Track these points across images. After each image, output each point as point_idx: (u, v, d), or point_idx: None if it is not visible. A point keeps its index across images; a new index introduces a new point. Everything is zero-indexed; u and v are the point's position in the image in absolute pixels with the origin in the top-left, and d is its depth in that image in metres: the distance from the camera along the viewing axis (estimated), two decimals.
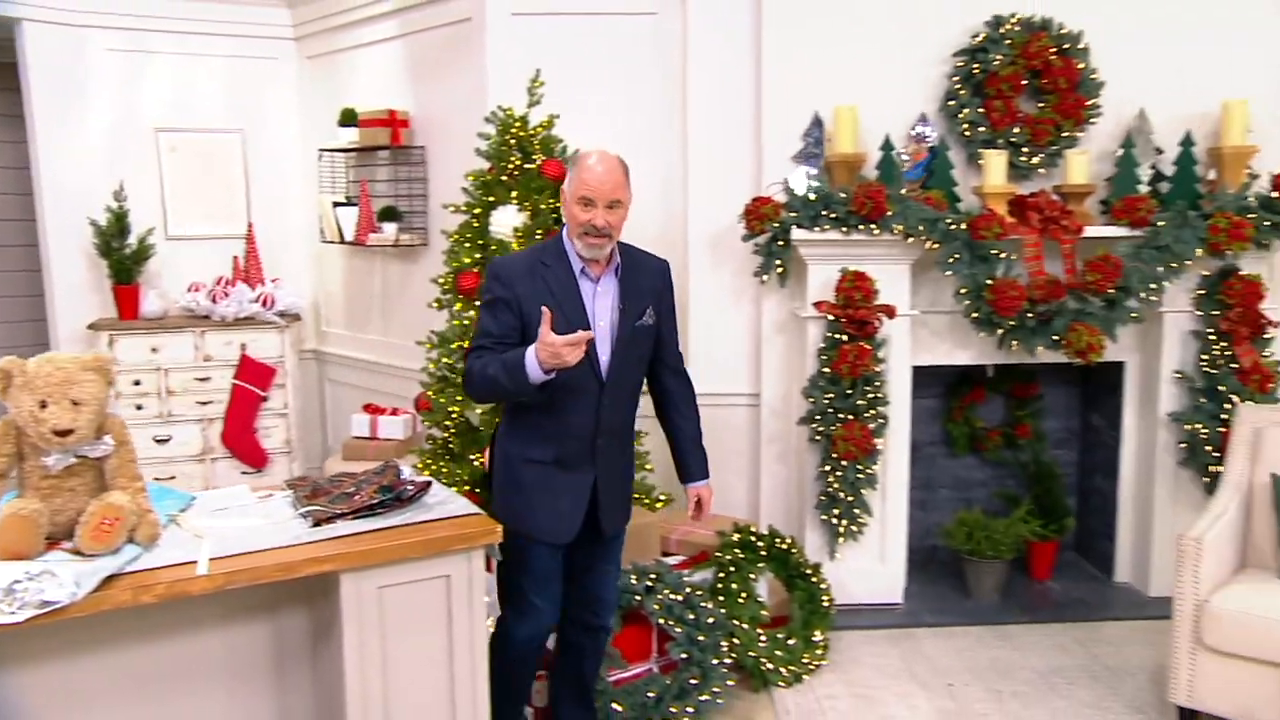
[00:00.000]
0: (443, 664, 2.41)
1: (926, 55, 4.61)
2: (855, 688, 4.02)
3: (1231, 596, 3.46)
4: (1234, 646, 3.39)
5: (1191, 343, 4.58)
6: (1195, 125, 4.56)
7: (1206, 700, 3.50)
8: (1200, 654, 3.47)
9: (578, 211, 2.85)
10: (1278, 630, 3.30)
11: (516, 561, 3.02)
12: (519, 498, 3.02)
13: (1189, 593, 3.47)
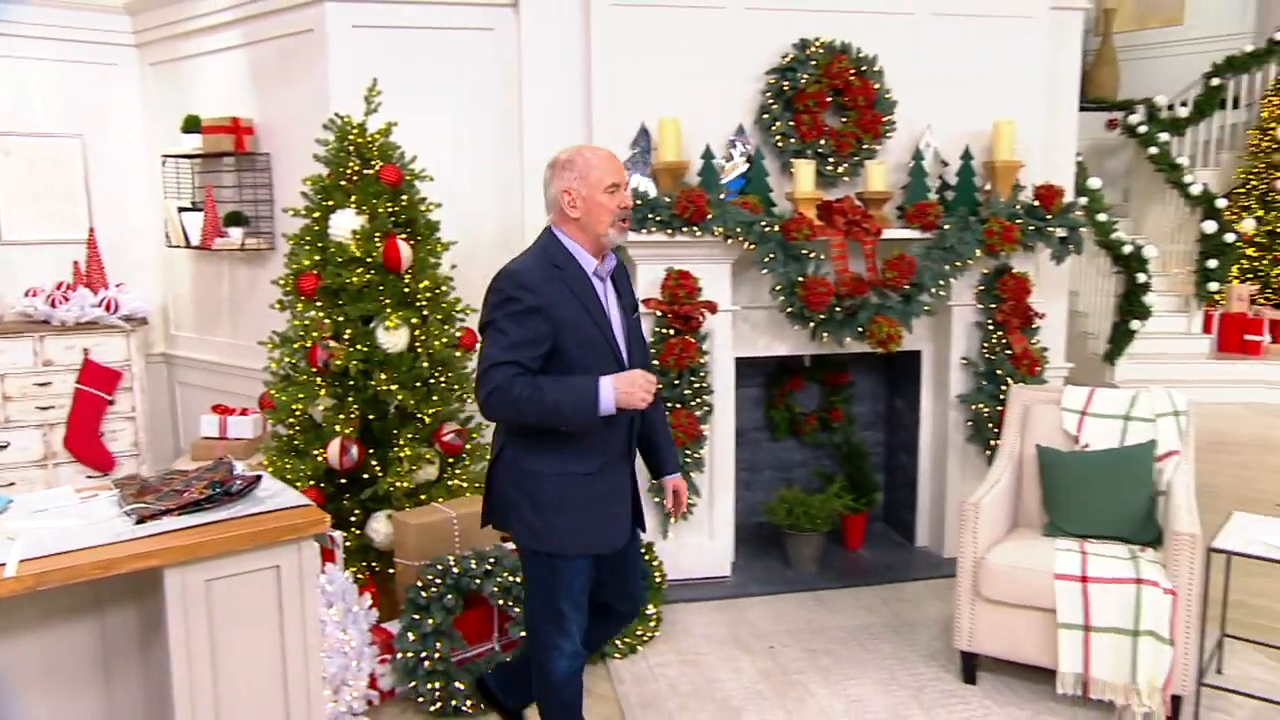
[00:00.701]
0: (275, 655, 2.37)
1: (743, 73, 4.77)
2: (685, 655, 4.15)
3: (1003, 553, 3.73)
4: (1005, 596, 3.66)
5: (974, 333, 4.90)
6: (974, 142, 4.87)
7: (984, 644, 3.77)
8: (979, 604, 3.73)
9: (607, 201, 2.70)
10: (1039, 580, 3.58)
11: (553, 585, 2.81)
12: (565, 517, 2.76)
13: (969, 552, 3.73)
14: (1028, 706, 3.69)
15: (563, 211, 2.76)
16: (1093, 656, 3.52)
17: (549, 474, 2.76)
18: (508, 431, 2.83)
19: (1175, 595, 3.42)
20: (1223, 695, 3.70)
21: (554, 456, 2.75)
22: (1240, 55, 11.40)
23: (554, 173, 2.78)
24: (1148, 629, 3.42)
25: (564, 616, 2.83)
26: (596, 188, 2.71)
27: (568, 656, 2.87)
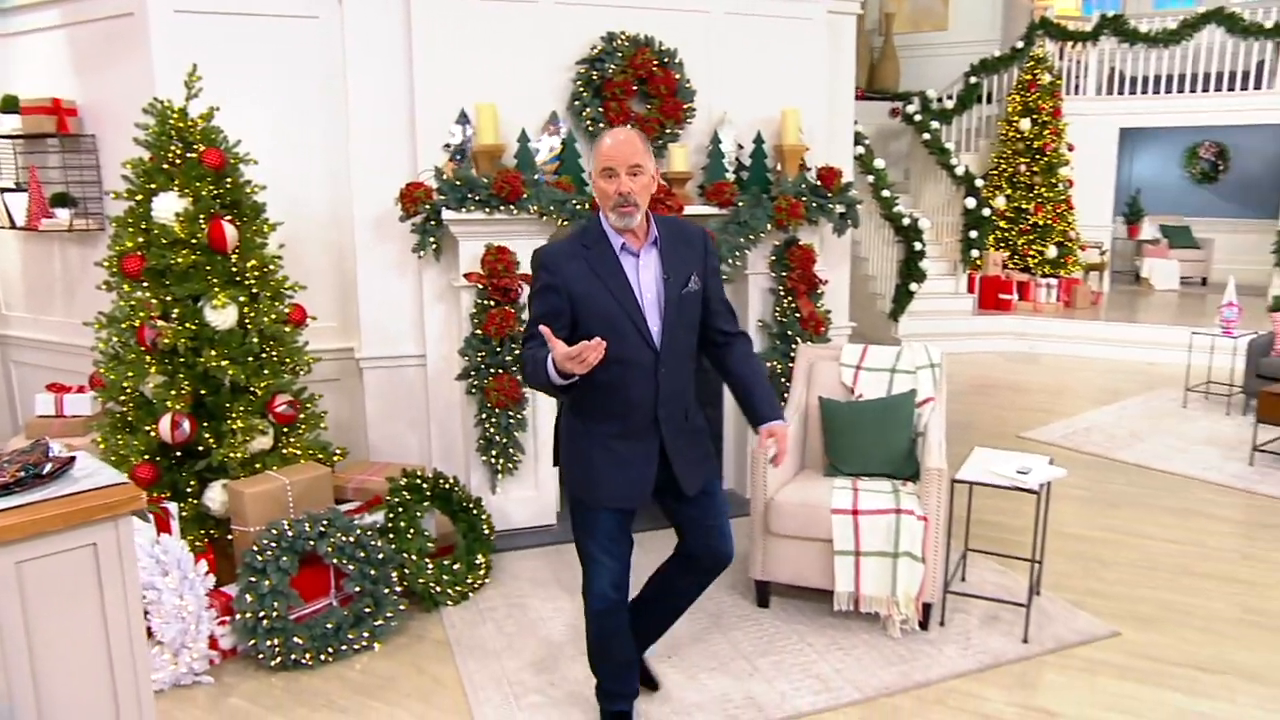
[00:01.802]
0: (98, 632, 2.22)
1: (555, 62, 4.74)
2: (511, 599, 4.17)
3: (789, 493, 3.90)
4: (790, 530, 3.83)
5: (769, 298, 5.06)
6: (765, 127, 5.00)
7: (774, 572, 3.94)
8: (769, 539, 3.90)
9: (604, 185, 2.65)
10: (818, 515, 3.77)
11: (582, 526, 2.92)
12: (586, 470, 2.85)
13: (760, 494, 3.87)
14: (811, 623, 3.88)
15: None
16: (862, 577, 3.73)
17: (579, 431, 2.85)
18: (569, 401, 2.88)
19: (927, 521, 3.66)
20: (964, 599, 4.01)
21: (585, 417, 2.82)
22: (991, 59, 12.11)
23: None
24: (905, 550, 3.65)
25: (592, 558, 2.93)
26: (597, 173, 2.67)
27: (595, 596, 2.95)
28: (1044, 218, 11.07)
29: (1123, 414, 7.30)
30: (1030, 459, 3.91)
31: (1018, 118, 11.27)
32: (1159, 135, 14.25)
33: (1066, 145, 11.35)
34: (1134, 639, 3.81)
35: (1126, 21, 12.16)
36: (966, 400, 7.84)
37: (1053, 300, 10.78)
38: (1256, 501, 5.41)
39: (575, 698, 3.41)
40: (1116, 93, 12.42)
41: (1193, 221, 14.38)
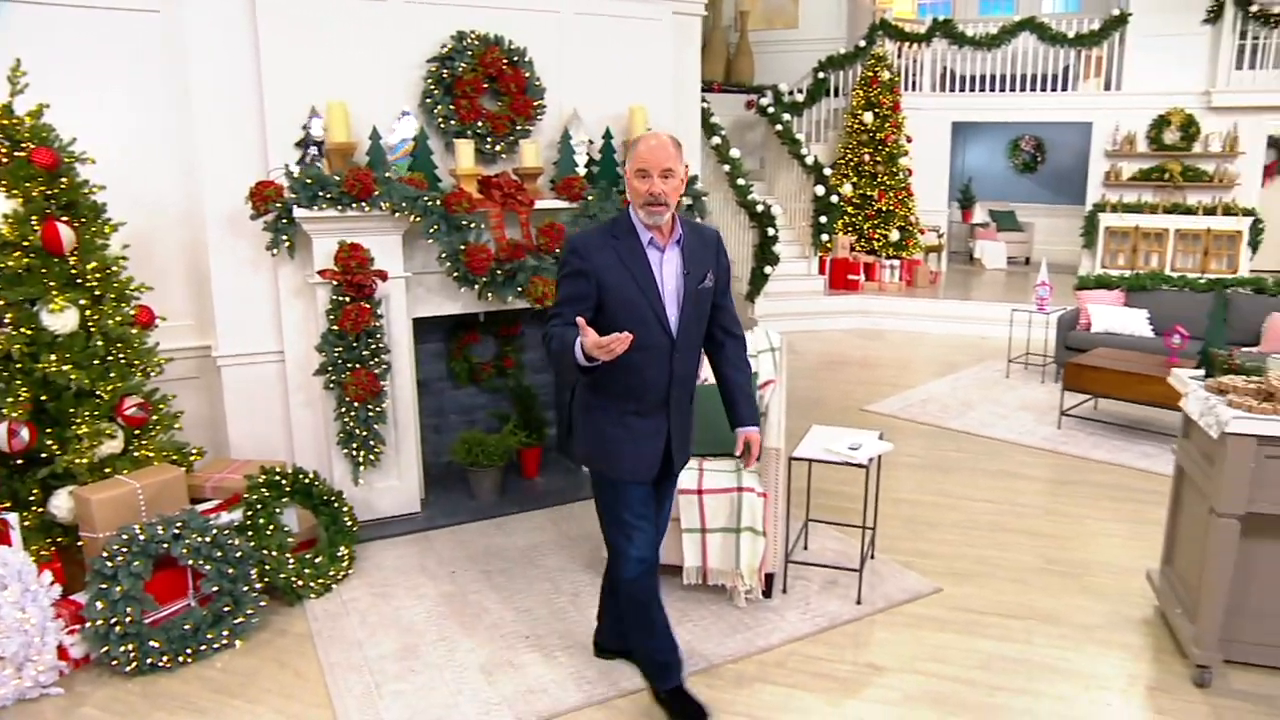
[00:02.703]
0: None
1: (406, 60, 4.60)
2: (375, 588, 4.07)
3: None
4: None
5: None
6: (614, 123, 4.99)
7: None
8: None
9: (637, 184, 2.73)
10: None
11: (613, 499, 2.95)
12: (604, 446, 2.91)
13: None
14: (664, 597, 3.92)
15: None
16: (709, 552, 3.79)
17: (596, 408, 2.91)
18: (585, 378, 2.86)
19: (766, 497, 3.74)
20: (805, 568, 4.12)
21: (603, 395, 2.88)
22: (837, 56, 12.40)
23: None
24: (747, 526, 3.73)
25: (627, 524, 2.94)
26: (631, 172, 2.75)
27: (633, 561, 2.95)
28: (887, 204, 11.44)
29: (956, 385, 7.64)
30: (862, 435, 4.04)
31: (861, 111, 11.59)
32: (987, 129, 14.91)
33: (905, 137, 11.74)
34: (953, 593, 4.00)
35: (955, 25, 12.66)
36: (817, 376, 8.06)
37: (896, 280, 11.18)
38: (1061, 460, 5.75)
39: (436, 682, 3.35)
40: (949, 90, 12.93)
41: (1017, 207, 15.12)
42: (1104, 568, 4.26)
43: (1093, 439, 6.13)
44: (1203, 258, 11.80)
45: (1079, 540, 4.55)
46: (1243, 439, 3.04)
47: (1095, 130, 12.60)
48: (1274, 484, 3.09)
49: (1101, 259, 12.17)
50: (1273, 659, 3.41)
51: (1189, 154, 12.21)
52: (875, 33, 12.48)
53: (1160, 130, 12.22)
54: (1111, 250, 12.20)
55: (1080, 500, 5.08)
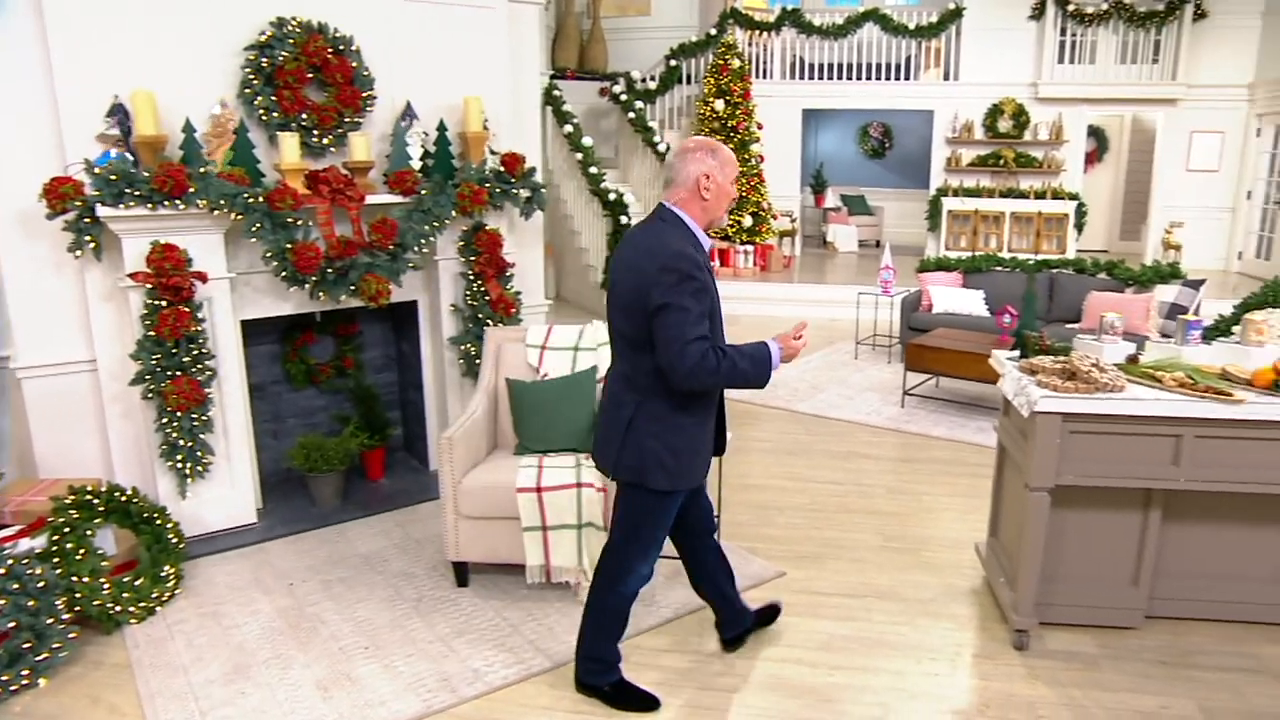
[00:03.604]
0: None
1: (221, 47, 4.35)
2: (204, 608, 3.87)
3: (478, 475, 3.85)
4: (481, 512, 3.79)
5: (460, 282, 4.96)
6: (449, 115, 4.87)
7: (470, 552, 3.89)
8: (462, 521, 3.84)
9: (733, 190, 2.81)
10: (505, 496, 3.75)
11: (662, 514, 2.95)
12: (692, 456, 2.88)
13: (449, 478, 3.80)
14: (508, 597, 3.88)
15: (696, 191, 2.74)
16: (551, 549, 3.77)
17: (688, 423, 2.82)
18: (649, 390, 2.77)
19: (605, 492, 3.74)
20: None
21: (690, 410, 2.80)
22: (689, 43, 12.53)
23: (693, 155, 2.74)
24: (588, 521, 3.72)
25: (657, 544, 3.01)
26: (728, 180, 2.77)
27: (644, 578, 3.07)
28: (740, 190, 11.65)
29: (806, 368, 7.85)
30: None
31: (713, 98, 11.75)
32: (837, 116, 15.40)
33: (757, 124, 11.97)
34: (797, 576, 4.11)
35: (803, 15, 12.99)
36: None
37: (750, 265, 11.42)
38: (903, 439, 6.00)
39: (268, 703, 3.21)
40: (799, 78, 13.27)
41: (867, 191, 15.70)
42: (939, 542, 4.46)
43: (933, 416, 6.42)
44: (1035, 239, 12.54)
45: (917, 517, 4.75)
46: (1050, 416, 3.23)
47: (936, 118, 13.19)
48: (1078, 457, 3.29)
49: (945, 241, 12.77)
50: (1081, 618, 3.66)
51: (1021, 141, 12.93)
52: (726, 21, 12.68)
53: (995, 119, 12.89)
54: (954, 233, 12.81)
55: (920, 477, 5.31)
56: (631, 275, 2.70)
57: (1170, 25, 12.51)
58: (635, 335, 2.73)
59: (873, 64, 13.12)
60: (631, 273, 2.71)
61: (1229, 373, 3.44)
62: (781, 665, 3.43)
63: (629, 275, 2.72)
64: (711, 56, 12.19)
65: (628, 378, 2.83)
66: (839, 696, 3.24)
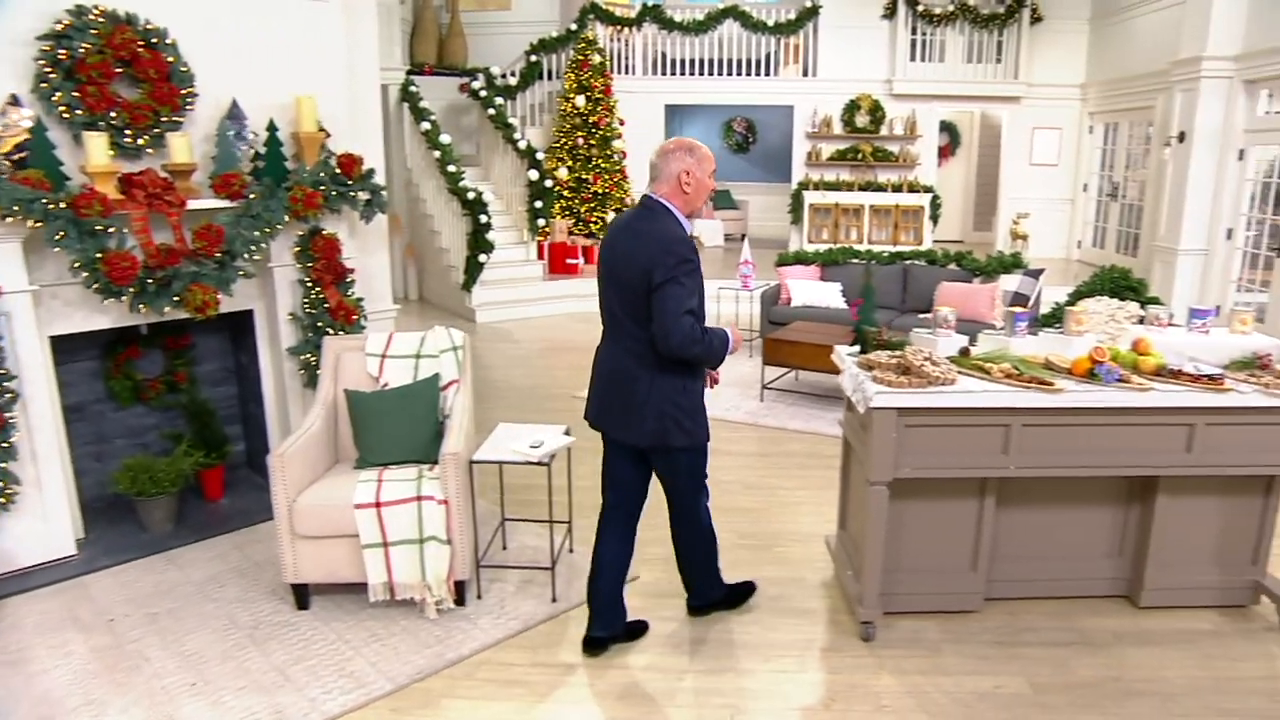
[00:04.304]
0: None
1: (11, 36, 4.01)
2: (7, 654, 3.54)
3: (314, 494, 3.68)
4: (318, 531, 3.63)
5: (297, 289, 4.74)
6: (281, 114, 4.64)
7: (310, 573, 3.72)
8: (298, 541, 3.66)
9: (710, 183, 3.18)
10: (342, 513, 3.59)
11: (704, 464, 3.41)
12: (702, 415, 3.29)
13: (282, 497, 3.61)
14: (351, 619, 3.72)
15: (678, 185, 3.11)
16: (393, 566, 3.63)
17: (696, 387, 3.24)
18: (659, 363, 3.12)
19: (448, 504, 3.63)
20: (501, 570, 4.07)
21: (695, 375, 3.24)
22: (549, 38, 12.43)
23: (674, 155, 3.11)
24: (430, 535, 3.60)
25: (704, 483, 3.49)
26: (706, 174, 3.14)
27: (708, 510, 3.57)
28: (602, 187, 11.63)
29: None
30: (546, 430, 4.02)
31: (573, 94, 11.68)
32: (701, 111, 15.56)
33: (618, 120, 11.97)
34: (650, 579, 4.09)
35: (664, 11, 13.07)
36: (534, 364, 8.05)
37: None
38: (762, 433, 6.09)
39: None
40: (662, 73, 13.34)
41: (732, 186, 15.94)
42: (792, 536, 4.53)
43: (791, 410, 6.54)
44: (894, 231, 12.99)
45: (772, 512, 4.81)
46: (885, 412, 3.30)
47: (797, 113, 13.50)
48: (915, 450, 3.38)
49: (808, 234, 13.08)
50: (925, 605, 3.77)
51: (878, 136, 13.36)
52: (586, 16, 12.63)
53: (852, 114, 13.28)
54: (816, 225, 13.14)
55: (776, 471, 5.38)
56: (636, 258, 3.04)
57: (1010, 27, 13.16)
58: (643, 314, 3.07)
59: (734, 60, 13.31)
60: (636, 256, 3.05)
61: (1052, 362, 3.59)
62: (629, 673, 3.40)
63: (634, 259, 3.05)
64: (572, 52, 12.12)
65: (639, 355, 3.16)
66: (687, 701, 3.23)
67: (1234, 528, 3.85)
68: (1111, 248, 12.95)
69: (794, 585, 4.05)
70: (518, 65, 12.46)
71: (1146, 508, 3.79)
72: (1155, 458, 3.50)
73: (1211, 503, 3.79)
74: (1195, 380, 3.47)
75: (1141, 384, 3.42)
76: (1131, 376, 3.46)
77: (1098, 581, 3.92)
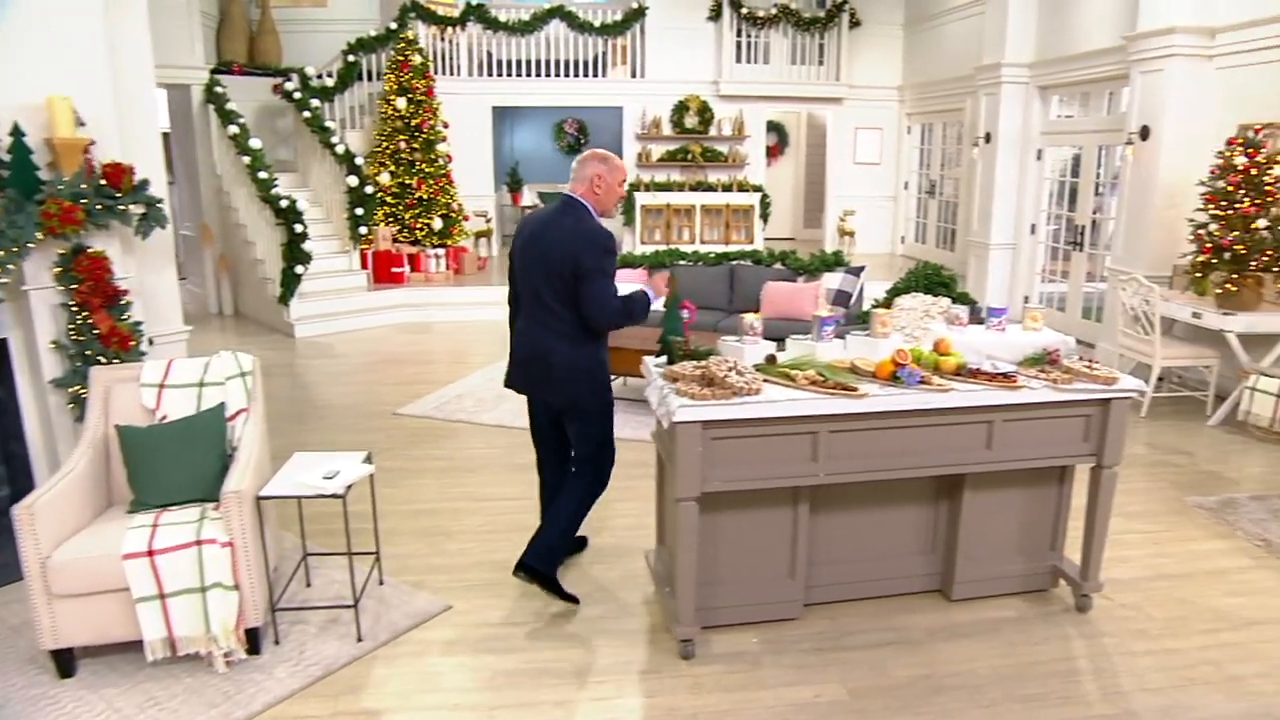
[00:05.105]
0: None
1: None
2: None
3: (72, 547, 3.28)
4: (80, 588, 3.25)
5: (60, 314, 4.26)
6: (28, 118, 4.15)
7: (74, 636, 3.32)
8: (57, 602, 3.27)
9: (620, 191, 3.73)
10: (108, 566, 3.23)
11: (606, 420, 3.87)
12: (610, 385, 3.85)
13: (32, 554, 3.21)
14: (125, 682, 3.35)
15: (591, 187, 3.65)
16: (173, 619, 3.30)
17: (602, 355, 3.78)
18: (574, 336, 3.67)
19: (233, 546, 3.33)
20: (302, 612, 3.78)
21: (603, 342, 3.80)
22: (368, 38, 11.96)
23: (589, 162, 3.68)
24: (214, 582, 3.29)
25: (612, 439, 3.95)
26: (617, 182, 3.69)
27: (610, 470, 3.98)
28: (427, 191, 11.28)
29: (493, 375, 7.66)
30: (343, 459, 3.77)
31: (394, 96, 11.27)
32: (533, 113, 15.38)
33: (442, 123, 11.64)
34: (464, 609, 3.90)
35: (488, 10, 12.80)
36: (354, 380, 7.68)
37: (443, 269, 11.08)
38: None
39: None
40: (489, 74, 13.08)
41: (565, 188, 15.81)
42: (614, 552, 4.43)
43: (620, 418, 6.41)
44: (725, 230, 13.19)
45: (593, 527, 4.69)
46: (689, 426, 3.23)
47: (626, 114, 13.51)
48: (722, 463, 3.33)
49: (640, 235, 13.11)
50: (745, 616, 3.74)
51: (707, 137, 13.54)
52: (407, 15, 12.22)
53: (681, 115, 13.40)
54: (649, 226, 13.18)
55: None
56: (566, 247, 3.55)
57: (831, 31, 13.60)
58: (569, 296, 3.58)
59: (563, 61, 13.19)
60: (564, 246, 3.55)
61: (857, 366, 3.63)
62: (436, 713, 3.21)
63: (564, 248, 3.55)
64: (392, 52, 11.69)
65: (558, 330, 3.67)
66: None
67: (1034, 517, 4.01)
68: (932, 243, 13.59)
69: (614, 604, 3.95)
70: (335, 65, 11.92)
71: (954, 504, 3.90)
72: (959, 456, 3.59)
73: (1013, 495, 3.94)
74: (992, 379, 3.58)
75: (942, 385, 3.50)
76: (933, 378, 3.54)
77: (913, 579, 4.00)
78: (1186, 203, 7.24)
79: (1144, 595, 4.09)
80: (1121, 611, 3.94)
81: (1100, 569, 3.91)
